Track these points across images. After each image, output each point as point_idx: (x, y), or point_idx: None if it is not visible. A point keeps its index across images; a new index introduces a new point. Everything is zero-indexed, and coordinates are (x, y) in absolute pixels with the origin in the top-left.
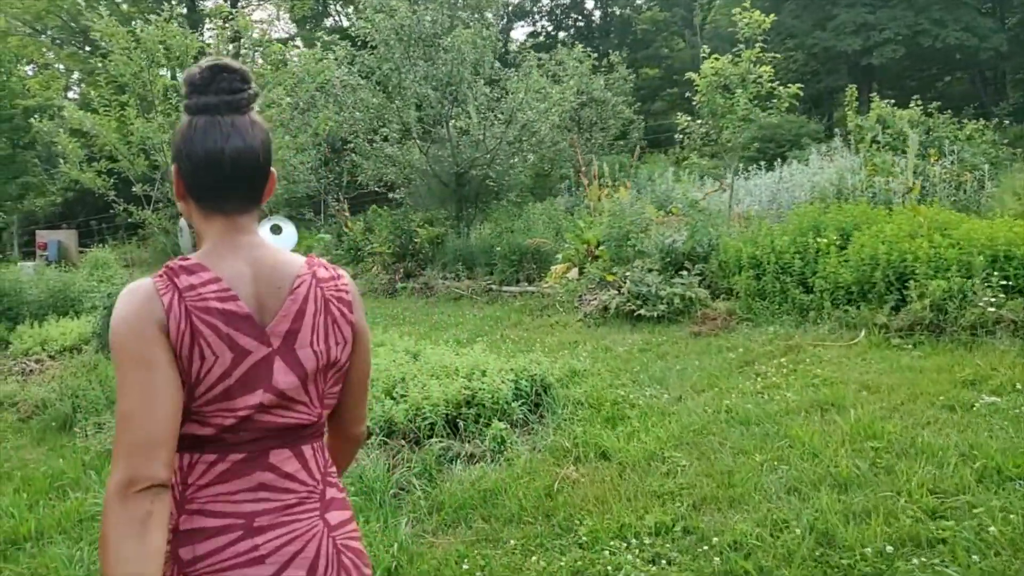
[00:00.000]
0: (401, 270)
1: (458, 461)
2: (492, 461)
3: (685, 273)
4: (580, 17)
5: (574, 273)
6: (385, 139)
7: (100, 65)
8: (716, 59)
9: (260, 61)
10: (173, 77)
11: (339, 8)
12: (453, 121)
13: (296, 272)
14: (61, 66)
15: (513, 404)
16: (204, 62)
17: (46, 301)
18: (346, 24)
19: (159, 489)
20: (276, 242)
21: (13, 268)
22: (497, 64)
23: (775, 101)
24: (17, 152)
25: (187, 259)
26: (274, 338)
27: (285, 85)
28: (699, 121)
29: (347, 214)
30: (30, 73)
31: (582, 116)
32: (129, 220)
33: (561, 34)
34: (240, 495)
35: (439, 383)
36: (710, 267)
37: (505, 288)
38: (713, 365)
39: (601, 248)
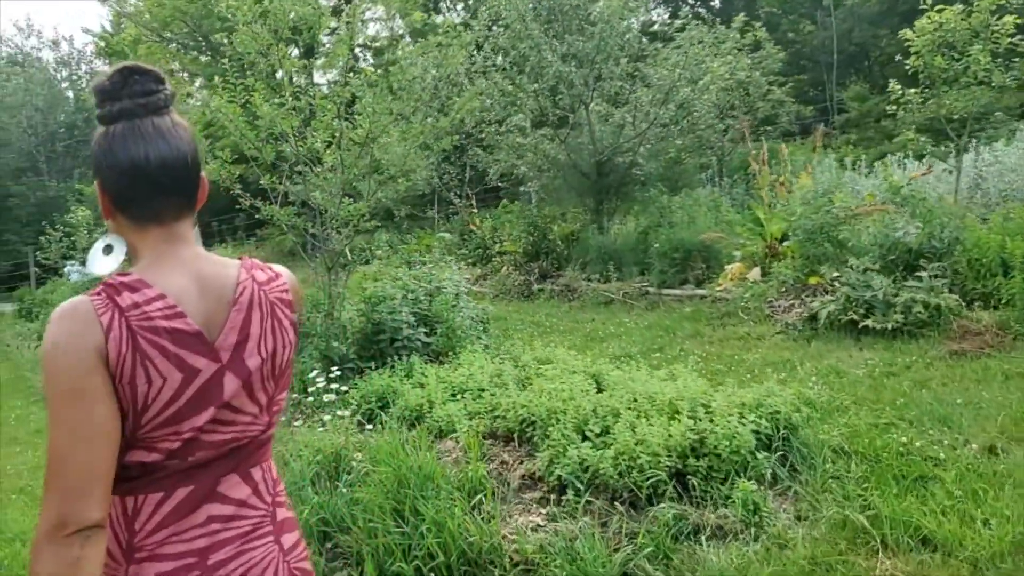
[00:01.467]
0: (536, 270)
1: (700, 536)
2: (751, 539)
3: (923, 275)
4: (698, 1)
5: (755, 273)
6: (521, 129)
7: (226, 41)
8: (939, 11)
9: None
10: (302, 56)
11: (450, 4)
12: (592, 104)
13: (236, 279)
14: (186, 74)
15: (758, 455)
16: (111, 68)
17: None
18: (457, 20)
19: (92, 531)
20: (104, 263)
21: None
22: (644, 39)
23: (1017, 61)
24: None
25: (127, 274)
26: (223, 352)
27: (429, 57)
28: (913, 91)
29: (474, 210)
30: None
31: (720, 100)
32: (256, 217)
33: (677, 22)
34: (191, 532)
35: (652, 421)
36: (953, 266)
37: (666, 291)
38: (1015, 400)
39: (786, 244)
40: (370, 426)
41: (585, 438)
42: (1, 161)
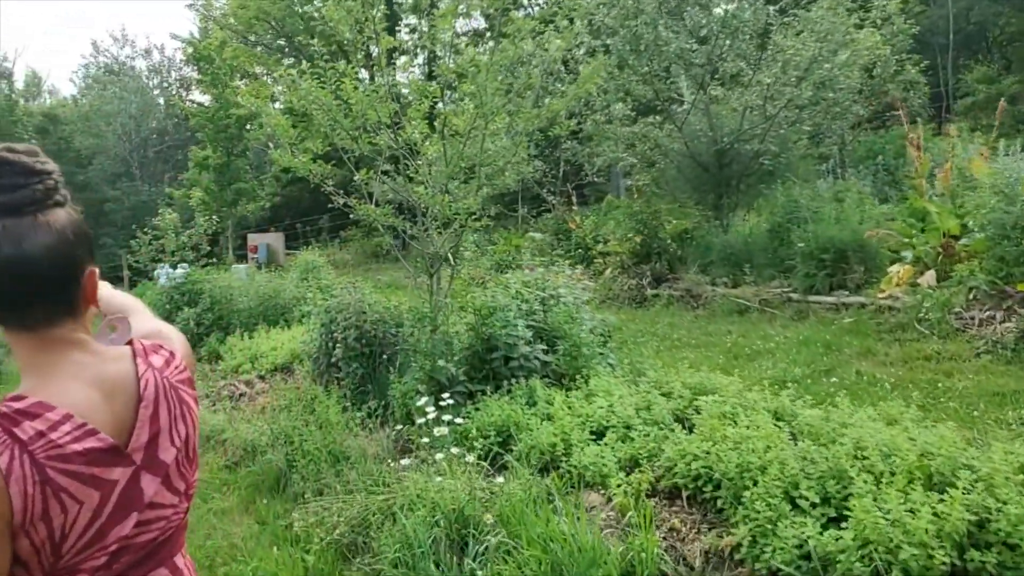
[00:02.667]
0: (648, 273)
1: None
2: None
3: None
4: None
5: (929, 278)
6: (627, 117)
7: (317, 15)
8: None
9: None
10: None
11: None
12: (710, 88)
13: (134, 372)
14: (269, 78)
15: None
16: None
17: (255, 309)
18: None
19: None
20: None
21: (224, 272)
22: (772, 9)
23: None
24: (232, 160)
25: (21, 398)
26: (136, 454)
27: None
28: None
29: (574, 207)
30: (240, 85)
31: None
32: (340, 218)
33: None
34: None
35: (898, 490)
36: None
37: (814, 298)
38: None
39: (963, 243)
40: (491, 468)
41: (794, 506)
42: (98, 167)
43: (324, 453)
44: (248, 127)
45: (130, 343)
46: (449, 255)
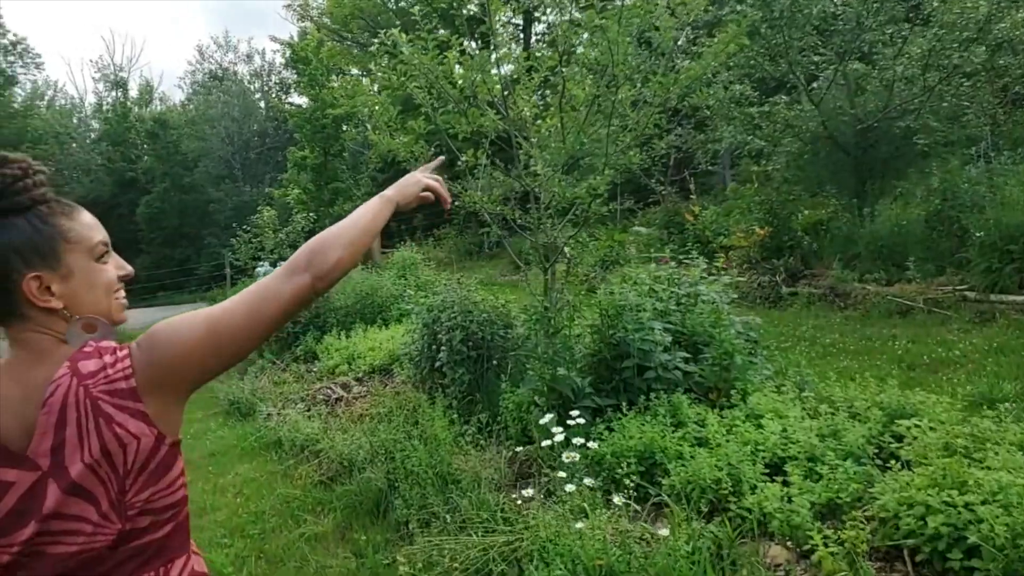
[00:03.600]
0: (781, 269)
1: None
2: None
3: None
4: None
5: None
6: (755, 98)
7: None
8: None
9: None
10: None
11: None
12: (852, 62)
13: (50, 377)
14: (365, 79)
15: None
16: None
17: (353, 307)
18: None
19: None
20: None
21: None
22: None
23: None
24: (329, 159)
25: None
26: (41, 459)
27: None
28: None
29: (692, 197)
30: (334, 84)
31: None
32: (443, 214)
33: None
34: None
35: None
36: None
37: (999, 297)
38: None
39: None
40: (639, 507)
41: None
42: (204, 169)
43: (430, 474)
44: (344, 127)
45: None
46: (565, 248)
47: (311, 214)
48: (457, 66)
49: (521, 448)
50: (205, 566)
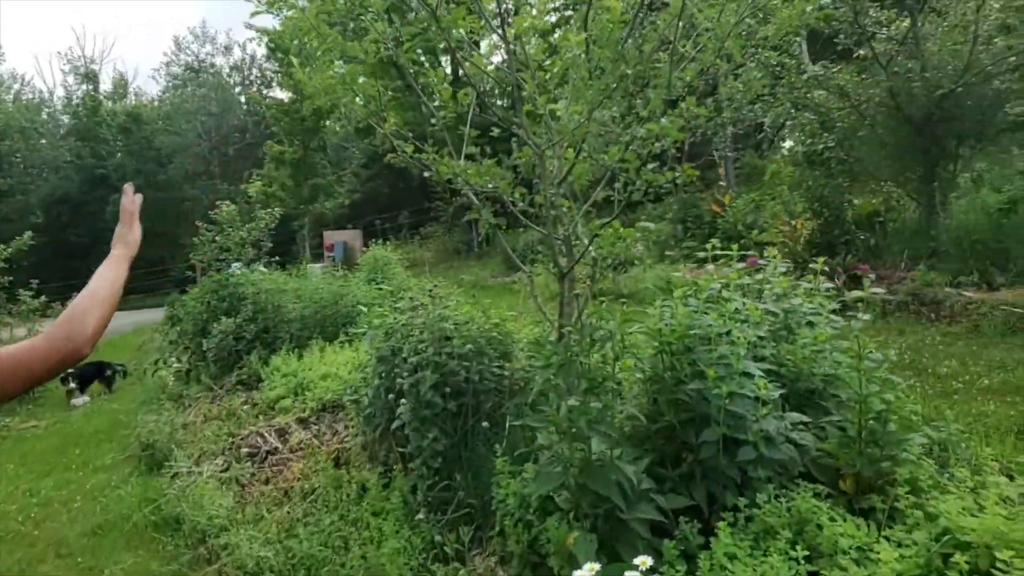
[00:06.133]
0: (839, 270)
1: None
2: None
3: None
4: None
5: None
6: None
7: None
8: None
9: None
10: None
11: None
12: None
13: None
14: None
15: None
16: None
17: (311, 319)
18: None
19: None
20: None
21: (274, 273)
22: None
23: None
24: (308, 154)
25: None
26: None
27: None
28: None
29: (722, 183)
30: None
31: None
32: (430, 212)
33: None
34: None
35: None
36: None
37: None
38: None
39: None
40: None
41: None
42: (179, 165)
43: None
44: (326, 122)
45: None
46: (591, 245)
47: (276, 210)
48: None
49: None
50: None
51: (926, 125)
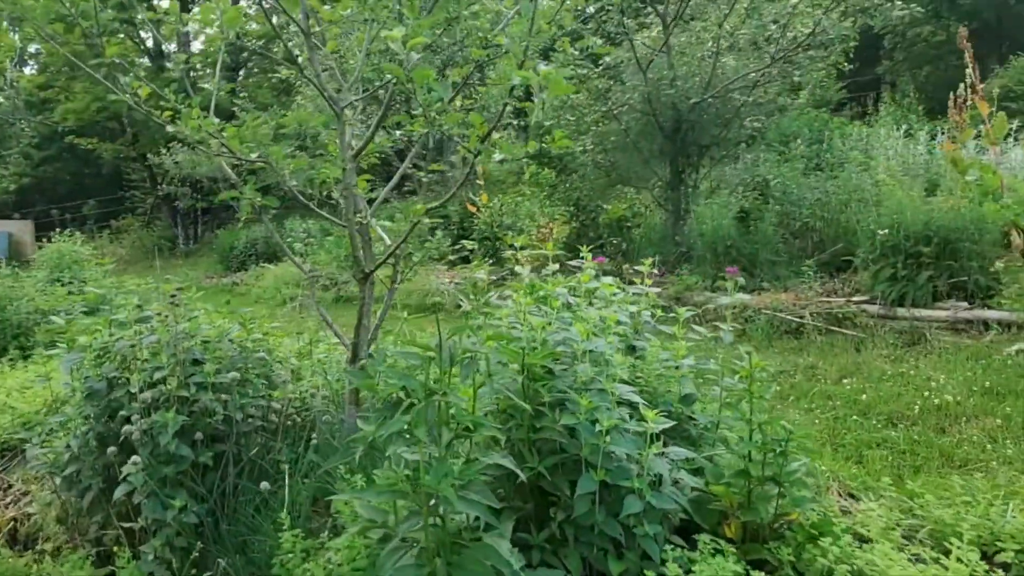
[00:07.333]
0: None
1: None
2: None
3: None
4: None
5: None
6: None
7: None
8: None
9: None
10: None
11: None
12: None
13: None
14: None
15: None
16: None
17: None
18: None
19: None
20: None
21: None
22: None
23: None
24: None
25: None
26: None
27: None
28: None
29: (480, 181)
30: None
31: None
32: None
33: None
34: None
35: None
36: None
37: (912, 311)
38: None
39: None
40: None
41: None
42: None
43: None
44: None
45: None
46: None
47: None
48: None
49: None
50: None
51: (675, 133)
